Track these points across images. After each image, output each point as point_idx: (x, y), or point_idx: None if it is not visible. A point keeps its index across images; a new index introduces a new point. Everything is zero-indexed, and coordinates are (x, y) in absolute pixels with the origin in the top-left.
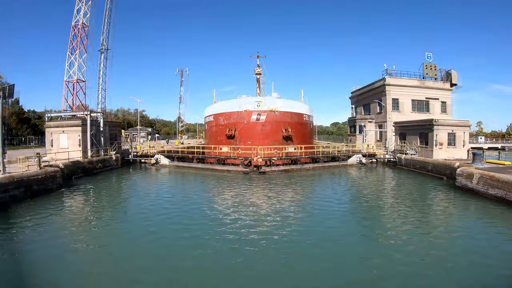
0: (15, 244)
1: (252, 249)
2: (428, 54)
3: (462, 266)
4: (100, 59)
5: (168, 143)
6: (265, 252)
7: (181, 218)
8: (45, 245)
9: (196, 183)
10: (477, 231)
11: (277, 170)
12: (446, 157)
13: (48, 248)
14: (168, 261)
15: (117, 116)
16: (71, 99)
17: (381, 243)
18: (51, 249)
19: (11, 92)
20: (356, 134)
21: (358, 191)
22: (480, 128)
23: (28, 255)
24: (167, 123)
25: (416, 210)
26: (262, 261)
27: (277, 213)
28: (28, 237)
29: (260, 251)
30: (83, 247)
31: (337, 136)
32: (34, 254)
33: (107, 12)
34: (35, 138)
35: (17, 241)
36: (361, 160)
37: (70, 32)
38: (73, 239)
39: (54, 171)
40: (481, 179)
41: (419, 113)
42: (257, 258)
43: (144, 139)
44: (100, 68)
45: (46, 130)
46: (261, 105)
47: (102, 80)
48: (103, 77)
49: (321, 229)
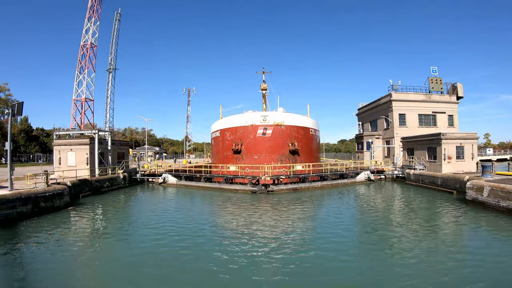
0: (20, 260)
1: (260, 274)
2: (433, 68)
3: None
4: (108, 79)
5: (175, 162)
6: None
7: (189, 243)
8: (50, 261)
9: (203, 203)
10: (492, 245)
11: (285, 188)
12: (455, 170)
13: (53, 263)
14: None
15: (124, 135)
16: (79, 118)
17: (394, 262)
18: (55, 266)
19: (20, 109)
20: (364, 151)
21: (368, 209)
22: (488, 140)
23: (33, 271)
24: (175, 142)
25: (427, 227)
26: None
27: (286, 235)
28: (34, 254)
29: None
30: (87, 265)
31: (345, 154)
32: (39, 270)
33: (114, 33)
34: (43, 156)
35: (23, 258)
36: (369, 176)
37: (79, 52)
38: (78, 258)
39: (62, 189)
40: (491, 192)
41: (426, 128)
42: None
43: (152, 158)
44: (108, 87)
45: (54, 148)
46: (267, 120)
47: (110, 100)
48: (111, 96)
49: (331, 253)
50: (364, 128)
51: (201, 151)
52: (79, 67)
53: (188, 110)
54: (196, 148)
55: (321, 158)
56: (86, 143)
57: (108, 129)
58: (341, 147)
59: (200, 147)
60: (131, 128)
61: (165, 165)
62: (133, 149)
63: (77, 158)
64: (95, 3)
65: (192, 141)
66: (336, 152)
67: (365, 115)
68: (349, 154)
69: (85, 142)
